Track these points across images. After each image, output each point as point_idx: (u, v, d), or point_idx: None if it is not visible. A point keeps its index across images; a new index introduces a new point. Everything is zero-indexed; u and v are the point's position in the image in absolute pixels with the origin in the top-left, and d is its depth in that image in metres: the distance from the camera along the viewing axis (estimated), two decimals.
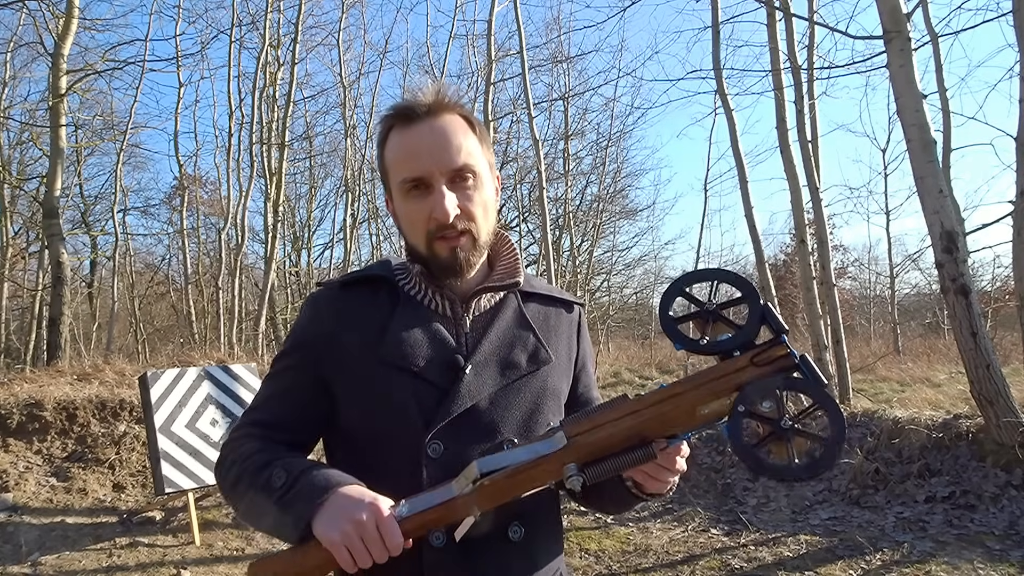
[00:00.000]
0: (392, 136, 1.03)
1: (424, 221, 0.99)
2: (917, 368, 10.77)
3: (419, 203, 0.99)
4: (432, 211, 0.97)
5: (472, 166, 1.00)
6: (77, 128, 14.71)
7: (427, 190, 0.98)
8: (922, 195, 4.47)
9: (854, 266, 22.92)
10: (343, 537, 0.80)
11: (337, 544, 0.80)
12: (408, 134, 1.00)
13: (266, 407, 1.03)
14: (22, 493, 5.07)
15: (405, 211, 1.02)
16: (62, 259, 8.58)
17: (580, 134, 17.60)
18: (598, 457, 0.84)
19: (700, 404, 0.83)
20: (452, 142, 0.99)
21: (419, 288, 1.05)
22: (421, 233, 1.00)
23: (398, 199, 1.02)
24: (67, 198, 15.42)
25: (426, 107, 1.00)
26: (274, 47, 13.37)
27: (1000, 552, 3.77)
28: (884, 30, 4.51)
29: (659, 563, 4.09)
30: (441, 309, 1.05)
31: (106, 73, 11.48)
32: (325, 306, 1.04)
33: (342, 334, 1.01)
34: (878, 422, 5.14)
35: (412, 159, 0.99)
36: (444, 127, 1.00)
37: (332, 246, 19.93)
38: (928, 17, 7.37)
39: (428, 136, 0.99)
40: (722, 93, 7.51)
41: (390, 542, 0.81)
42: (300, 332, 1.05)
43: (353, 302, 1.04)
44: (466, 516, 0.84)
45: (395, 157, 1.01)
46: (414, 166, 0.98)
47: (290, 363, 1.04)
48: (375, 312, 1.03)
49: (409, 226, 1.02)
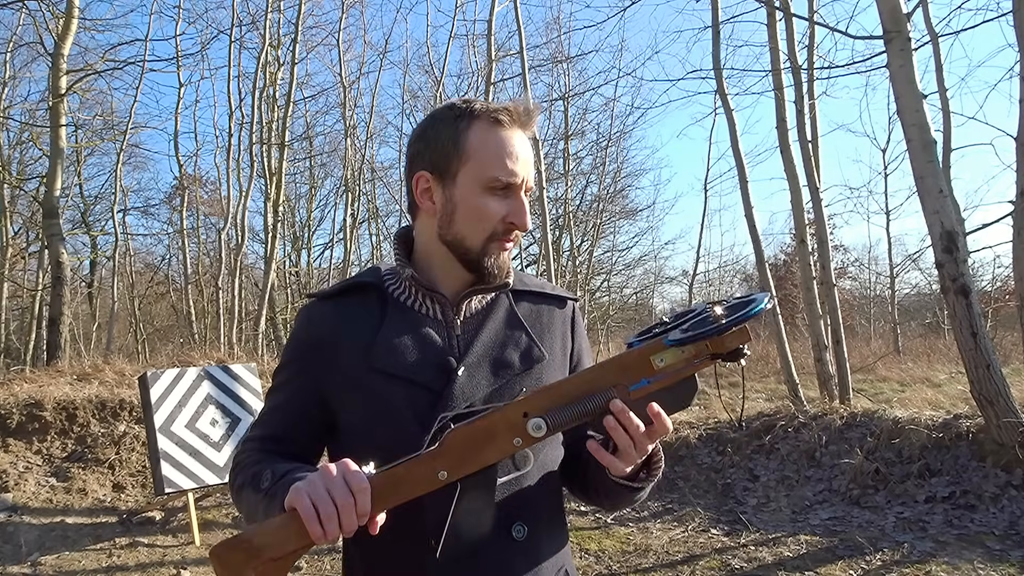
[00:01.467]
0: (485, 127, 1.03)
1: (498, 221, 1.02)
2: (917, 368, 10.77)
3: (500, 202, 1.02)
4: (510, 215, 1.02)
5: (534, 187, 1.07)
6: (77, 128, 14.73)
7: (508, 193, 1.02)
8: (922, 195, 4.46)
9: (854, 266, 22.93)
10: (308, 486, 0.78)
11: (301, 497, 0.78)
12: (511, 136, 1.03)
13: (268, 421, 1.06)
14: (22, 493, 5.07)
15: (478, 204, 1.02)
16: (62, 259, 8.58)
17: (580, 134, 17.61)
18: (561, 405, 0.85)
19: (653, 354, 0.85)
20: (532, 161, 1.06)
21: (409, 293, 1.06)
22: (486, 230, 1.02)
23: (474, 191, 1.02)
24: (67, 198, 15.43)
25: (527, 118, 1.05)
26: (274, 47, 13.38)
27: (1000, 552, 3.77)
28: (884, 30, 4.51)
29: (659, 563, 4.08)
30: (432, 313, 1.05)
31: (106, 73, 11.50)
32: (317, 317, 1.06)
33: (336, 344, 1.02)
34: (878, 422, 5.14)
35: (513, 161, 1.01)
36: (529, 145, 1.06)
37: (332, 246, 19.96)
38: (928, 17, 7.37)
39: (526, 145, 1.04)
40: (722, 93, 7.51)
41: (356, 486, 0.78)
42: (295, 345, 1.07)
43: (344, 311, 1.05)
44: (433, 477, 0.82)
45: (491, 151, 1.02)
46: (513, 169, 1.01)
47: (287, 376, 1.06)
48: (366, 320, 1.04)
49: (475, 219, 1.03)
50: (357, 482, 0.78)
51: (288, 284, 19.68)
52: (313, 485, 0.78)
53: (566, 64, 15.43)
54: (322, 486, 0.78)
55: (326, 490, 0.78)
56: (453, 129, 1.04)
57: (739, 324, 0.83)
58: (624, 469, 0.91)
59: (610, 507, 1.11)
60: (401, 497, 0.82)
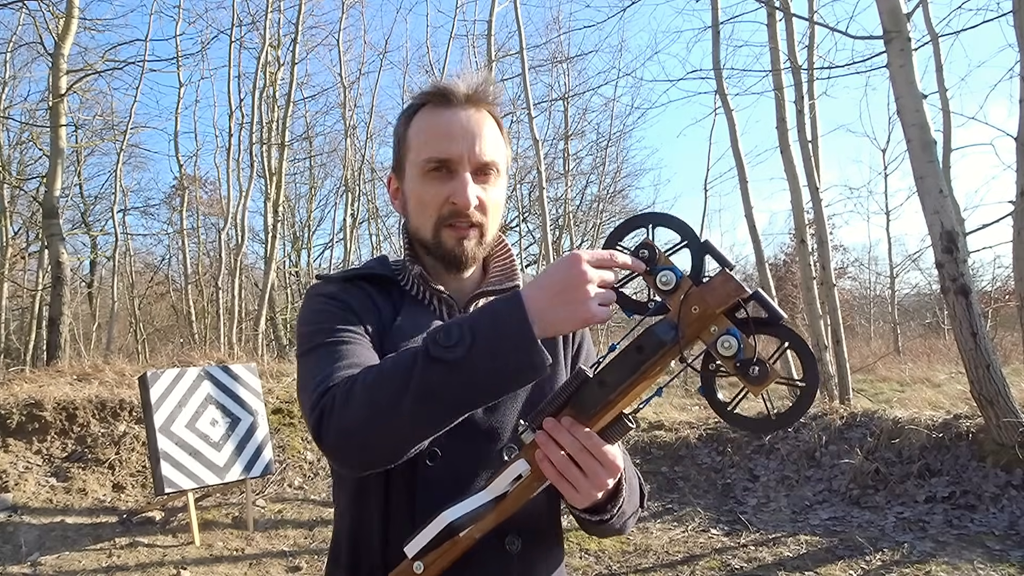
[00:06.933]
0: (424, 113, 0.99)
1: (439, 205, 0.97)
2: (917, 368, 10.77)
3: (438, 186, 0.96)
4: (452, 195, 0.95)
5: (497, 164, 0.99)
6: (77, 128, 14.72)
7: (450, 175, 0.96)
8: (922, 195, 4.46)
9: (854, 266, 22.94)
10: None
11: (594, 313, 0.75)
12: (444, 115, 0.97)
13: (347, 360, 0.88)
14: (22, 493, 5.06)
15: (419, 191, 0.98)
16: (62, 259, 8.58)
17: (580, 134, 17.63)
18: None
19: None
20: (486, 135, 0.98)
21: (418, 290, 1.03)
22: (431, 217, 0.98)
23: (414, 178, 0.99)
24: (67, 198, 15.42)
25: (467, 95, 0.98)
26: (274, 47, 13.37)
27: (1000, 552, 3.77)
28: (884, 30, 4.51)
29: (659, 563, 4.08)
30: (439, 312, 1.02)
31: (106, 73, 11.49)
32: (339, 291, 0.99)
33: (361, 317, 0.96)
34: (878, 422, 5.14)
35: (444, 140, 0.96)
36: (481, 119, 0.98)
37: (332, 246, 19.95)
38: (928, 17, 7.38)
39: (465, 122, 0.97)
40: (722, 93, 7.51)
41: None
42: (323, 310, 0.96)
43: (360, 294, 1.00)
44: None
45: (424, 134, 0.98)
46: (445, 147, 0.95)
47: (331, 329, 0.92)
48: (382, 307, 1.00)
49: (420, 208, 0.99)
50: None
51: (288, 284, 19.68)
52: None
53: (566, 64, 15.47)
54: None
55: None
56: (404, 123, 1.02)
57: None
58: (579, 500, 0.80)
59: (598, 535, 1.00)
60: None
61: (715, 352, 0.74)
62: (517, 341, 0.74)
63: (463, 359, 0.74)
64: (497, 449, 0.95)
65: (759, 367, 0.72)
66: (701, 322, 0.74)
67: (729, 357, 0.73)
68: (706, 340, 0.75)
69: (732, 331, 0.73)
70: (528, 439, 0.80)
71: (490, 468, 0.89)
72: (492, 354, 0.74)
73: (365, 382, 0.78)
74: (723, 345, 0.73)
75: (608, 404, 0.76)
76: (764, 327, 0.74)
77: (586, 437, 0.76)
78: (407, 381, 0.75)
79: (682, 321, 0.74)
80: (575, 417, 0.77)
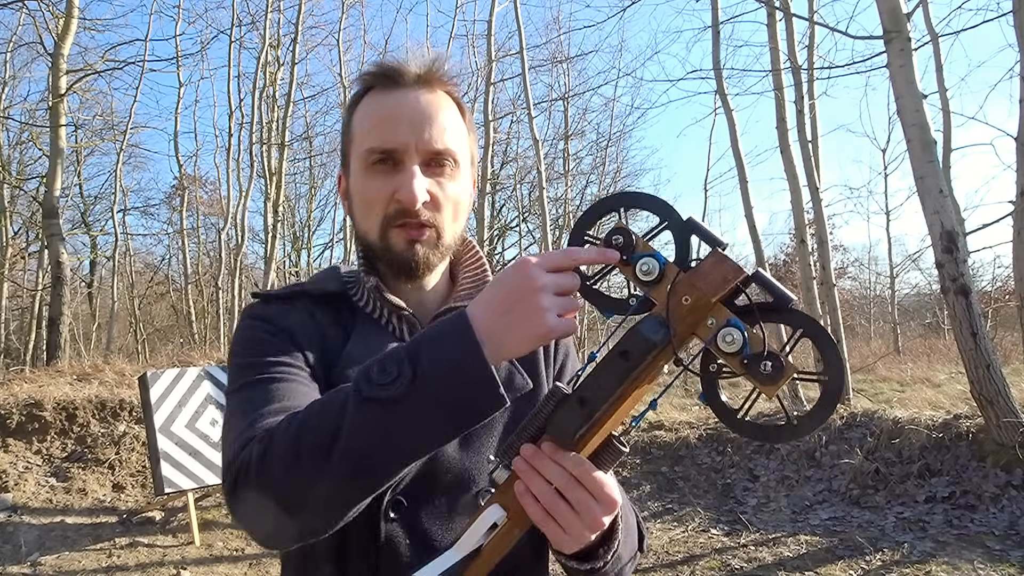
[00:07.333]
0: (369, 98, 0.87)
1: (384, 202, 0.83)
2: (917, 368, 10.76)
3: (383, 180, 0.83)
4: (397, 191, 0.82)
5: (454, 153, 0.85)
6: (77, 128, 14.75)
7: (396, 168, 0.83)
8: (922, 195, 4.47)
9: (854, 266, 22.95)
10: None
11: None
12: (389, 98, 0.85)
13: (277, 403, 0.74)
14: (22, 493, 5.06)
15: (363, 187, 0.85)
16: (62, 259, 8.58)
17: (580, 134, 17.64)
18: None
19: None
20: (438, 119, 0.84)
21: (373, 306, 0.88)
22: (377, 217, 0.84)
23: (357, 173, 0.86)
24: (67, 198, 15.43)
25: (417, 75, 0.85)
26: (274, 47, 13.37)
27: (1000, 552, 3.77)
28: (884, 30, 4.51)
29: (659, 563, 4.08)
30: (399, 332, 0.88)
31: (106, 73, 11.51)
32: (277, 314, 0.85)
33: (300, 346, 0.82)
34: (878, 422, 5.14)
35: (387, 127, 0.83)
36: (432, 101, 0.85)
37: (332, 246, 19.95)
38: (928, 17, 7.38)
39: (413, 105, 0.84)
40: (722, 93, 7.52)
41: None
42: (256, 340, 0.82)
43: (302, 317, 0.85)
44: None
45: (367, 121, 0.86)
46: (388, 136, 0.83)
47: (263, 364, 0.78)
48: (329, 329, 0.85)
49: (364, 207, 0.86)
50: None
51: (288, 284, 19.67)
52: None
53: (566, 64, 15.47)
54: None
55: None
56: (349, 111, 0.89)
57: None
58: (568, 543, 0.65)
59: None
60: None
61: (715, 349, 0.62)
62: (467, 370, 0.61)
63: (403, 398, 0.61)
64: (474, 494, 0.82)
65: (772, 362, 0.60)
66: (695, 315, 0.62)
67: (733, 354, 0.61)
68: (703, 336, 0.63)
69: (734, 322, 0.61)
70: (503, 477, 0.66)
71: (464, 517, 0.78)
72: (438, 388, 0.61)
73: (286, 434, 0.64)
74: (725, 340, 0.61)
75: (594, 425, 0.63)
76: (770, 314, 0.63)
77: (575, 464, 0.63)
78: (335, 430, 0.61)
79: (672, 316, 0.62)
80: (554, 442, 0.64)
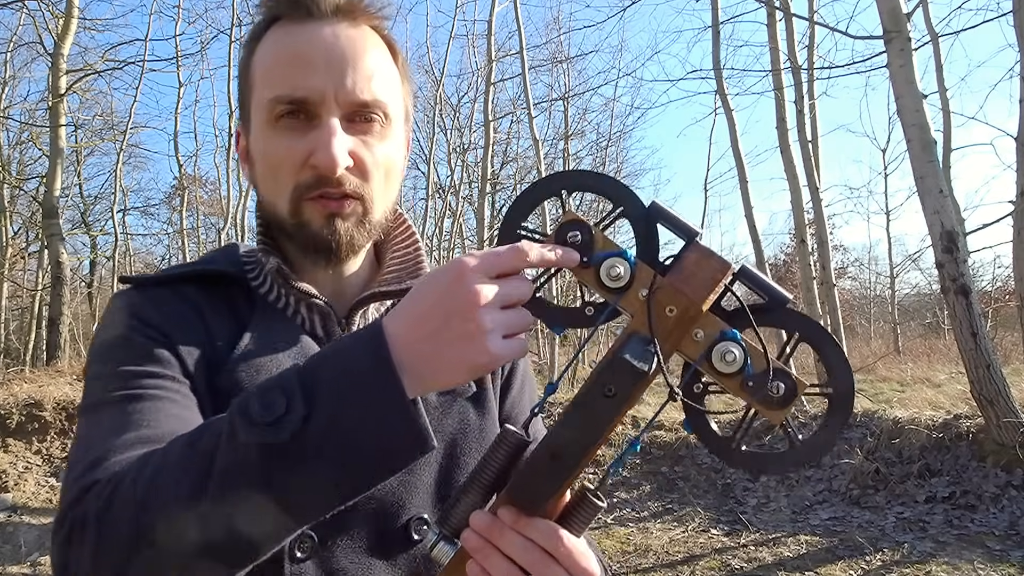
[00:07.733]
0: (273, 32, 0.68)
1: (295, 167, 0.65)
2: (917, 368, 10.76)
3: (292, 139, 0.65)
4: (312, 153, 0.64)
5: (384, 105, 0.68)
6: (77, 128, 14.77)
7: (309, 123, 0.65)
8: (922, 195, 4.47)
9: (854, 266, 22.98)
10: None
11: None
12: (300, 33, 0.66)
13: (137, 431, 0.57)
14: (22, 493, 5.06)
15: (267, 148, 0.67)
16: (62, 259, 8.57)
17: (580, 134, 17.64)
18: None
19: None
20: (363, 61, 0.66)
21: (276, 293, 0.72)
22: (287, 186, 0.66)
23: (260, 129, 0.67)
24: (67, 198, 15.46)
25: (336, 3, 0.67)
26: None
27: (1000, 552, 3.77)
28: (884, 30, 4.51)
29: (659, 563, 4.08)
30: (309, 325, 0.71)
31: (106, 73, 11.50)
32: (148, 307, 0.67)
33: (174, 348, 0.64)
34: (878, 422, 5.14)
35: (297, 69, 0.64)
36: (356, 38, 0.67)
37: None
38: (928, 17, 7.38)
39: (331, 42, 0.65)
40: (722, 93, 7.52)
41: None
42: (120, 345, 0.64)
43: (178, 308, 0.67)
44: None
45: (269, 63, 0.67)
46: (298, 81, 0.64)
47: (124, 378, 0.61)
48: (216, 323, 0.68)
49: (269, 173, 0.68)
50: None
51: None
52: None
53: (566, 64, 15.46)
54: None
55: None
56: (248, 51, 0.70)
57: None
58: None
59: None
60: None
61: (708, 370, 0.50)
62: (380, 409, 0.47)
63: (292, 441, 0.46)
64: (403, 524, 0.66)
65: (783, 382, 0.49)
66: (681, 328, 0.49)
67: (732, 375, 0.49)
68: (690, 354, 0.50)
69: (729, 334, 0.49)
70: (446, 555, 0.51)
71: (392, 552, 0.65)
72: (340, 434, 0.46)
73: (134, 487, 0.48)
74: (723, 359, 0.49)
75: (568, 481, 0.50)
76: (763, 316, 0.51)
77: (545, 535, 0.49)
78: (203, 479, 0.46)
79: (657, 332, 0.49)
80: (516, 507, 0.50)
